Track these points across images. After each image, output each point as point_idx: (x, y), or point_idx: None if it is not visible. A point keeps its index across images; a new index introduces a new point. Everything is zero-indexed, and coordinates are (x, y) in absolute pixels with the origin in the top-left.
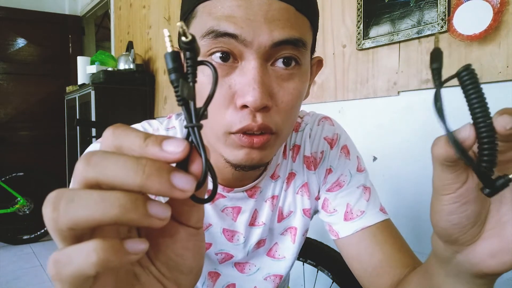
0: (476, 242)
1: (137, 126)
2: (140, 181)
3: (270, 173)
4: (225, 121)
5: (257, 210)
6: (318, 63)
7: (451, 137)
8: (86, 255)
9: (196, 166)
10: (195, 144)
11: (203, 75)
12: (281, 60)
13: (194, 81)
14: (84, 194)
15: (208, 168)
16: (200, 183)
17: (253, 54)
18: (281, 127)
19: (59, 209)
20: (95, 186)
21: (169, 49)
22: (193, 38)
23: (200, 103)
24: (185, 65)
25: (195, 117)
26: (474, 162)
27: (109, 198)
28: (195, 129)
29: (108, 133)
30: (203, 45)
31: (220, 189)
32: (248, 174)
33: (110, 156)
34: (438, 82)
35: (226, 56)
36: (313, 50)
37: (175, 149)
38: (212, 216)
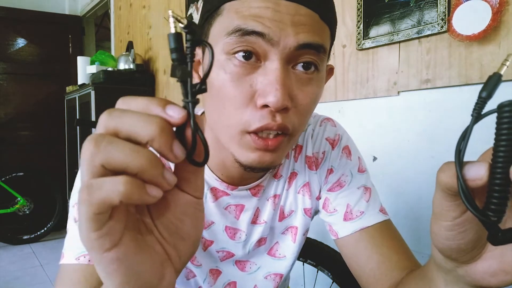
0: (476, 262)
1: None
2: (151, 134)
3: (273, 172)
4: (243, 119)
5: (259, 208)
6: (330, 71)
7: (462, 186)
8: (115, 185)
9: (190, 133)
10: (190, 116)
11: (225, 73)
12: (301, 64)
13: (192, 60)
14: (121, 141)
15: (200, 136)
16: (193, 148)
17: (277, 54)
18: (297, 129)
19: (100, 146)
20: (113, 134)
21: (173, 30)
22: (189, 22)
23: (220, 101)
24: (185, 45)
25: (191, 94)
26: (479, 210)
27: (141, 150)
28: (190, 104)
29: (118, 102)
30: (228, 43)
31: (224, 187)
32: (254, 173)
33: (128, 111)
34: (476, 114)
35: (249, 55)
36: (328, 57)
37: (175, 114)
38: (215, 214)
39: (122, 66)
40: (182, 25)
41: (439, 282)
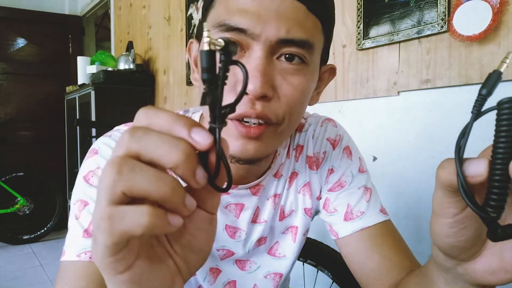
0: (476, 259)
1: None
2: (176, 161)
3: (273, 172)
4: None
5: (259, 207)
6: (331, 71)
7: (461, 182)
8: (138, 217)
9: (214, 159)
10: (216, 140)
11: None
12: (285, 55)
13: (224, 83)
14: (144, 167)
15: (224, 162)
16: (216, 174)
17: (259, 45)
18: (281, 119)
19: (122, 173)
20: (135, 157)
21: (206, 47)
22: (226, 43)
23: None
24: (217, 65)
25: (218, 118)
26: (479, 207)
27: (164, 177)
28: (217, 129)
29: (140, 113)
30: (214, 33)
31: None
32: (251, 172)
33: (152, 132)
34: (476, 111)
35: None
36: (325, 54)
37: (202, 140)
38: None
39: (122, 66)
40: (219, 47)
41: (439, 282)
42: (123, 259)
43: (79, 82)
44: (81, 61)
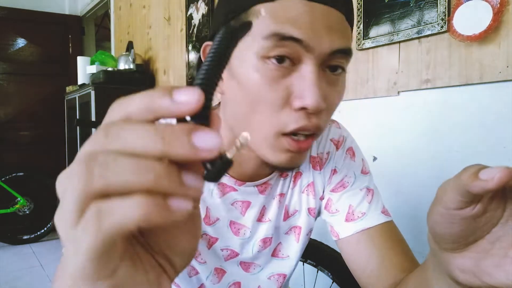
0: (457, 254)
1: None
2: (161, 149)
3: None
4: (279, 121)
5: (265, 206)
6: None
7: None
8: (130, 208)
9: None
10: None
11: (260, 76)
12: (331, 66)
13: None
14: (119, 161)
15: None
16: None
17: (312, 59)
18: (325, 128)
19: (93, 172)
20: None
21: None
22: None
23: (253, 104)
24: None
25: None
26: None
27: (146, 164)
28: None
29: (114, 105)
30: (264, 46)
31: (232, 182)
32: (261, 170)
33: (127, 126)
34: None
35: (284, 59)
36: None
37: (188, 98)
38: (221, 209)
39: (122, 66)
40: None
41: (434, 279)
42: (108, 262)
43: (79, 82)
44: (81, 61)
